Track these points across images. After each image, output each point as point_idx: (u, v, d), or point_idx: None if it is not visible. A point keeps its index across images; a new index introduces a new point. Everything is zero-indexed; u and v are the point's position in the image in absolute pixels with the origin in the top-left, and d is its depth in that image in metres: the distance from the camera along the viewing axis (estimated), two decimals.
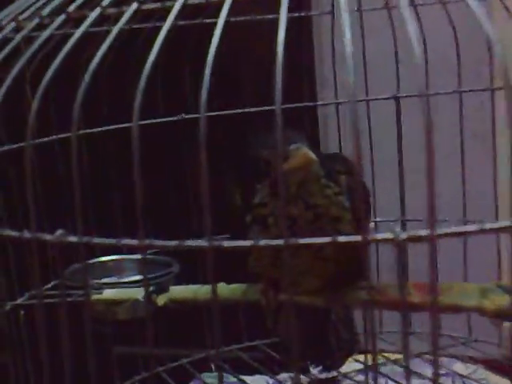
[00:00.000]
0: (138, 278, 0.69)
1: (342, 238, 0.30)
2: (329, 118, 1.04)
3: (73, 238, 0.31)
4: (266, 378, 0.81)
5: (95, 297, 0.64)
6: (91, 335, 0.52)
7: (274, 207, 0.52)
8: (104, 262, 0.74)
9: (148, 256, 0.78)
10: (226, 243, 0.31)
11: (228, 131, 0.78)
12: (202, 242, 0.31)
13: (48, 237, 0.31)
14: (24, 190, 0.42)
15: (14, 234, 0.32)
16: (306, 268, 0.55)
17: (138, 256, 0.78)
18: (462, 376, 0.78)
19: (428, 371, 0.79)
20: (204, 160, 0.30)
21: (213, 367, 0.86)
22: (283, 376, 0.80)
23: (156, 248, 0.31)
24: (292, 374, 0.79)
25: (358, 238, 0.29)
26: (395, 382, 0.76)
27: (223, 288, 0.61)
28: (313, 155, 0.49)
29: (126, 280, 0.69)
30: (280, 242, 0.30)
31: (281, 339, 0.71)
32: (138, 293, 0.64)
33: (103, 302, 0.64)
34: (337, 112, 0.82)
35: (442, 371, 0.79)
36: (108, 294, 0.64)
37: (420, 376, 0.77)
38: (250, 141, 0.54)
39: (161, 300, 0.62)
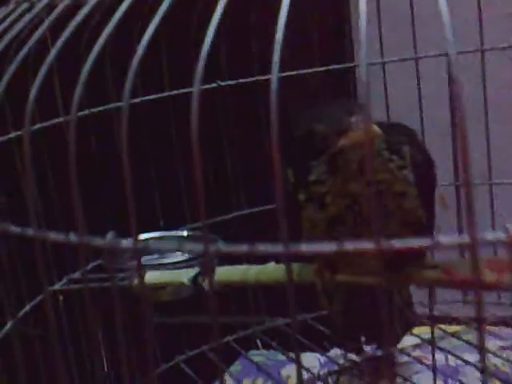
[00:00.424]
0: (181, 258, 0.65)
1: (444, 240, 0.25)
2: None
3: (127, 243, 0.27)
4: (317, 355, 0.78)
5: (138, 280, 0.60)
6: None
7: (333, 185, 0.48)
8: (143, 239, 0.70)
9: (189, 233, 0.74)
10: (304, 247, 0.26)
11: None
12: (277, 247, 0.26)
13: (99, 241, 0.27)
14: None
15: (59, 237, 0.28)
16: None
17: (179, 233, 0.74)
18: None
19: (492, 344, 0.75)
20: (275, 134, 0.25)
21: (259, 344, 0.82)
22: (335, 352, 0.76)
23: (224, 254, 0.27)
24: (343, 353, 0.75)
25: (466, 239, 0.24)
26: (456, 356, 0.72)
27: (275, 269, 0.57)
28: (377, 128, 0.44)
29: (169, 261, 0.65)
30: (370, 245, 0.26)
31: (334, 319, 0.67)
32: (183, 275, 0.60)
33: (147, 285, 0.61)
34: (383, 72, 0.77)
35: (507, 343, 0.75)
36: (151, 277, 0.61)
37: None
38: (301, 114, 0.49)
39: (208, 284, 0.58)
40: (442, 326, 0.77)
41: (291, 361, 0.76)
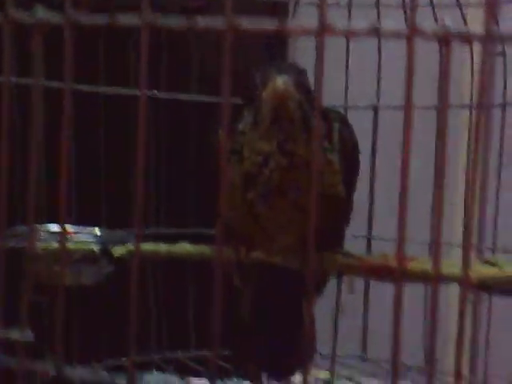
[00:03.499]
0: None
1: None
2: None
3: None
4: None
5: (42, 246, 0.57)
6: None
7: (250, 139, 0.49)
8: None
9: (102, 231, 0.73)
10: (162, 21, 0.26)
11: None
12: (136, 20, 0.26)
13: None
14: None
15: None
16: (283, 221, 0.51)
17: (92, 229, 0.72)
18: None
19: None
20: None
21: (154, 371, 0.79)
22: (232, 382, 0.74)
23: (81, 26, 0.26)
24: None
25: None
26: None
27: (189, 247, 0.57)
28: (290, 89, 0.46)
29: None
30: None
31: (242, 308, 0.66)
32: (93, 244, 0.58)
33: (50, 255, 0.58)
34: None
35: None
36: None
37: None
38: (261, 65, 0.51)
39: (118, 251, 0.57)
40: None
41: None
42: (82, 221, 0.73)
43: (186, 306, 0.82)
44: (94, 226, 0.74)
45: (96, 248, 0.58)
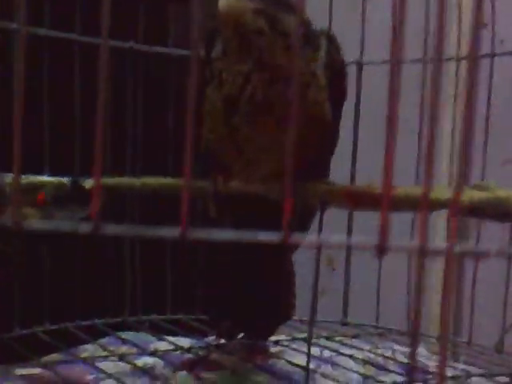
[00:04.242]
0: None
1: None
2: None
3: None
4: (191, 340, 0.72)
5: (7, 179, 0.54)
6: None
7: (226, 63, 0.47)
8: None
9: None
10: None
11: None
12: None
13: None
14: None
15: None
16: (266, 143, 0.48)
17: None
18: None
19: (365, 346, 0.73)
20: None
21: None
22: (208, 339, 0.71)
23: None
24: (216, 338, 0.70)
25: None
26: (330, 350, 0.69)
27: (164, 179, 0.54)
28: (237, 5, 0.43)
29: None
30: None
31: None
32: (63, 178, 0.55)
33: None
34: None
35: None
36: (28, 178, 0.55)
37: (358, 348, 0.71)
38: None
39: (89, 184, 0.54)
40: (315, 330, 0.74)
41: (160, 339, 0.70)
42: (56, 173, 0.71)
43: (164, 271, 0.79)
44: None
45: (66, 181, 0.55)
